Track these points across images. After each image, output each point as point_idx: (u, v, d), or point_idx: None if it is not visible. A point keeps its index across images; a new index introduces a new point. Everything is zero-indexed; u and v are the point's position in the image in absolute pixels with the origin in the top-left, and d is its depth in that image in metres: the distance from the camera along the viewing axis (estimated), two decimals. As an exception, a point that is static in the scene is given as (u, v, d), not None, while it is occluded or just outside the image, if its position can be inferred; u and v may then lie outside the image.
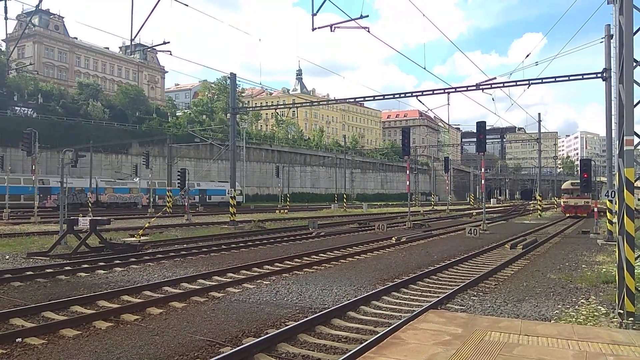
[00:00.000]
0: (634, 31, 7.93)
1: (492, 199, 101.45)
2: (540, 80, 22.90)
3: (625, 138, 7.70)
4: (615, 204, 9.52)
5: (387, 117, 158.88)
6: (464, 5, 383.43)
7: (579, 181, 40.73)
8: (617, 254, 8.41)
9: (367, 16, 16.39)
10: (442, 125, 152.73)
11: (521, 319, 7.62)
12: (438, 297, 9.93)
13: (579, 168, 40.49)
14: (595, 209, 29.83)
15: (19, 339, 7.22)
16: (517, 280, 12.29)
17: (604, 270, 13.12)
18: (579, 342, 5.67)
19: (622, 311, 7.77)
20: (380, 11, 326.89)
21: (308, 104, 41.29)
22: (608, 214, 21.69)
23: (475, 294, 10.55)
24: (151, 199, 48.33)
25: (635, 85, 7.82)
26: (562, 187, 48.39)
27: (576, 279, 12.10)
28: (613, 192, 18.50)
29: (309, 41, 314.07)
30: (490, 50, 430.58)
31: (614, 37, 18.10)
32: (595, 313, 8.59)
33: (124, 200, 52.86)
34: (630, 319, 7.54)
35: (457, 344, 5.56)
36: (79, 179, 47.94)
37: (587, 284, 11.42)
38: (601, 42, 21.98)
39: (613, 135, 20.16)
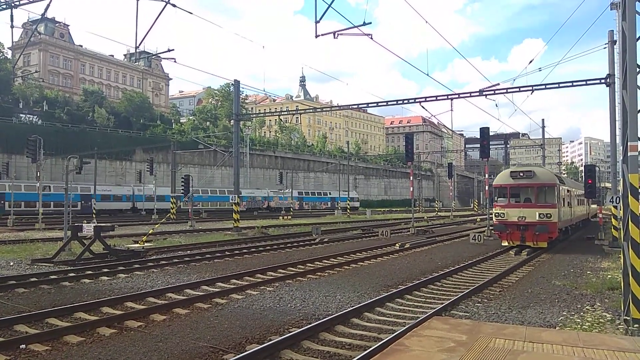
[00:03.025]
0: (637, 37, 7.94)
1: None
2: (543, 86, 22.89)
3: (629, 144, 7.69)
4: (620, 209, 9.49)
5: (391, 123, 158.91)
6: (464, 12, 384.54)
7: (529, 170, 20.79)
8: (622, 260, 8.36)
9: (370, 23, 16.45)
10: (446, 131, 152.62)
11: (526, 326, 7.58)
12: (442, 303, 9.89)
13: (583, 174, 36.40)
14: (600, 215, 29.60)
15: (23, 346, 7.23)
16: (522, 286, 12.23)
17: (609, 276, 13.04)
18: (584, 349, 5.63)
19: (628, 318, 7.72)
20: (380, 19, 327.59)
21: (311, 111, 41.40)
22: (613, 219, 21.59)
23: (479, 300, 10.51)
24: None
25: (639, 90, 7.81)
26: (495, 182, 22.16)
27: (581, 286, 12.04)
28: (618, 198, 18.43)
29: (312, 49, 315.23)
30: (490, 57, 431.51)
31: (617, 42, 18.14)
32: (600, 320, 8.53)
33: (284, 206, 67.42)
34: (636, 325, 7.48)
35: (462, 351, 5.54)
36: (256, 189, 67.68)
37: (593, 291, 11.35)
38: (604, 48, 21.99)
39: (617, 141, 20.17)
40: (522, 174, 20.26)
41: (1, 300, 10.40)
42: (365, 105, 29.50)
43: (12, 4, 16.37)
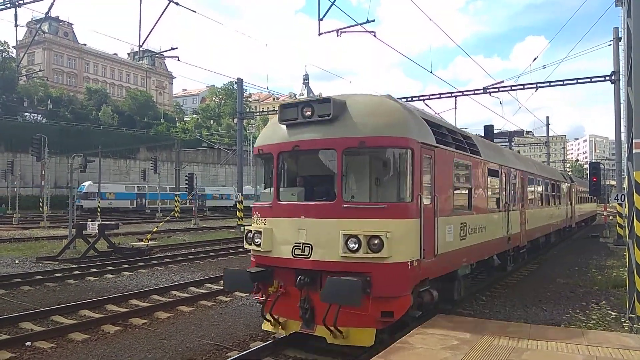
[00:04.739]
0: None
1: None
2: (548, 84, 22.77)
3: (634, 141, 7.63)
4: (625, 207, 9.45)
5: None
6: (467, 10, 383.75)
7: (325, 98, 7.17)
8: (627, 257, 8.33)
9: (374, 21, 16.38)
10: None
11: (530, 324, 7.56)
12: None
13: (588, 171, 35.11)
14: (605, 213, 29.37)
15: (29, 343, 7.28)
16: (526, 284, 12.19)
17: (614, 274, 12.99)
18: (588, 347, 5.62)
19: (632, 315, 7.69)
20: (381, 18, 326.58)
21: (315, 109, 41.24)
22: (618, 217, 21.47)
23: (484, 298, 10.48)
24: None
25: (644, 87, 7.75)
26: (256, 143, 7.92)
27: (586, 284, 11.98)
28: (623, 196, 18.34)
29: (314, 47, 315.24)
30: (493, 54, 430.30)
31: (622, 39, 18.04)
32: (605, 318, 8.51)
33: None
34: (641, 323, 7.43)
35: (466, 349, 5.53)
36: None
37: (597, 288, 11.31)
38: (609, 45, 21.86)
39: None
40: (307, 112, 7.17)
41: (7, 298, 10.46)
42: (369, 103, 29.35)
43: (16, 3, 16.42)
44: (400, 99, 20.79)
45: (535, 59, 24.79)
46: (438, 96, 25.63)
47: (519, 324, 7.58)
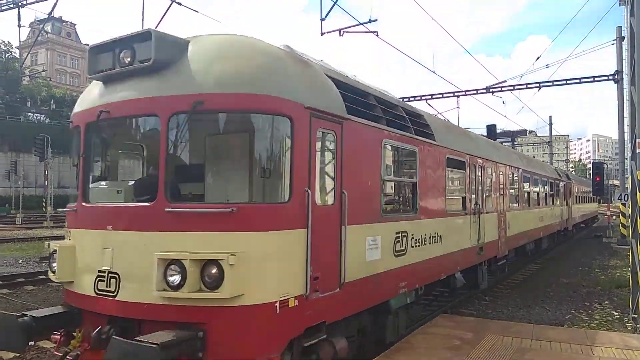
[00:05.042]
0: (646, 33, 7.86)
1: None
2: (550, 83, 22.77)
3: (637, 141, 7.63)
4: (629, 207, 9.43)
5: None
6: (469, 9, 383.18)
7: (143, 32, 4.51)
8: (630, 257, 8.31)
9: (376, 20, 16.34)
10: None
11: (533, 324, 7.56)
12: (449, 301, 9.86)
13: (591, 171, 34.70)
14: (608, 213, 29.15)
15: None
16: (529, 284, 12.17)
17: (617, 274, 12.96)
18: (592, 347, 5.61)
19: (636, 316, 7.68)
20: (382, 18, 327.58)
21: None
22: (621, 217, 21.41)
23: (486, 298, 10.47)
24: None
25: (647, 87, 7.74)
26: (75, 110, 5.39)
27: (589, 284, 11.96)
28: (626, 196, 18.29)
29: (315, 46, 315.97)
30: (495, 54, 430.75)
31: (625, 39, 17.99)
32: (608, 318, 8.50)
33: None
34: (645, 323, 7.41)
35: (468, 349, 5.53)
36: None
37: (600, 289, 11.29)
38: (612, 45, 21.80)
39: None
40: (126, 58, 4.55)
41: (10, 298, 10.50)
42: (371, 103, 29.34)
43: (19, 3, 16.49)
44: (402, 98, 14.46)
45: (538, 58, 24.72)
46: (441, 96, 25.61)
47: (522, 324, 7.58)
